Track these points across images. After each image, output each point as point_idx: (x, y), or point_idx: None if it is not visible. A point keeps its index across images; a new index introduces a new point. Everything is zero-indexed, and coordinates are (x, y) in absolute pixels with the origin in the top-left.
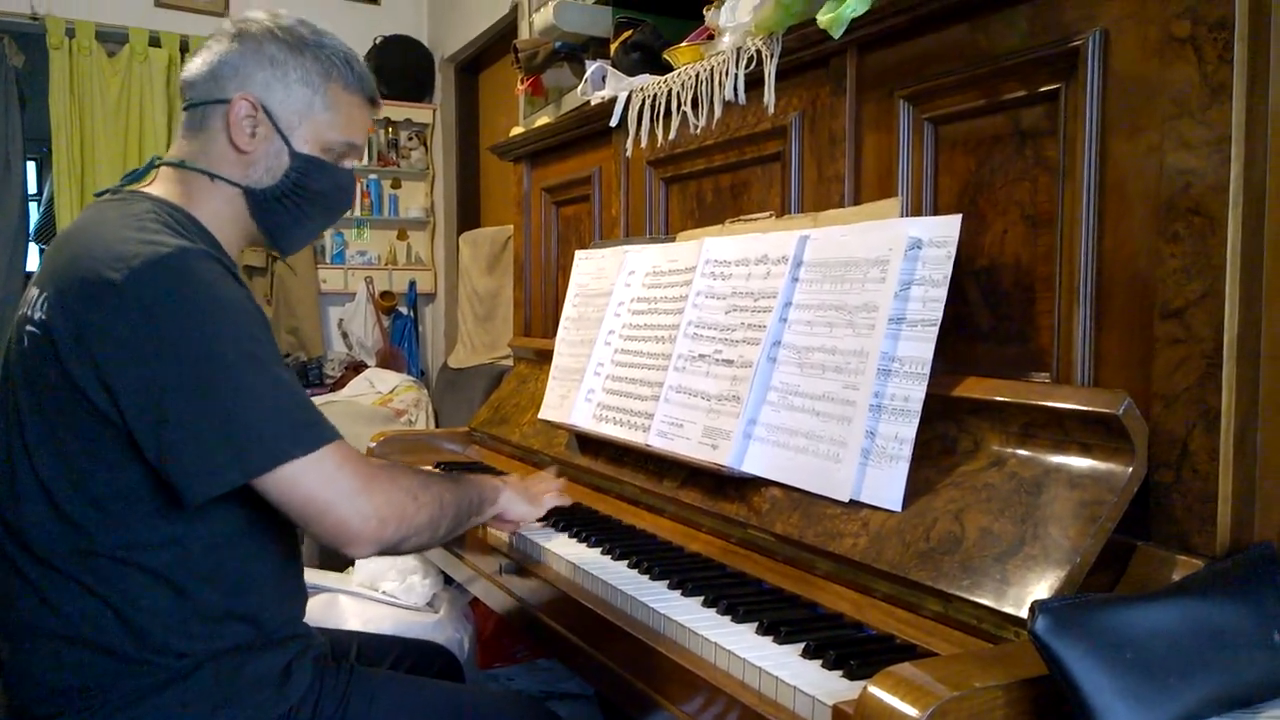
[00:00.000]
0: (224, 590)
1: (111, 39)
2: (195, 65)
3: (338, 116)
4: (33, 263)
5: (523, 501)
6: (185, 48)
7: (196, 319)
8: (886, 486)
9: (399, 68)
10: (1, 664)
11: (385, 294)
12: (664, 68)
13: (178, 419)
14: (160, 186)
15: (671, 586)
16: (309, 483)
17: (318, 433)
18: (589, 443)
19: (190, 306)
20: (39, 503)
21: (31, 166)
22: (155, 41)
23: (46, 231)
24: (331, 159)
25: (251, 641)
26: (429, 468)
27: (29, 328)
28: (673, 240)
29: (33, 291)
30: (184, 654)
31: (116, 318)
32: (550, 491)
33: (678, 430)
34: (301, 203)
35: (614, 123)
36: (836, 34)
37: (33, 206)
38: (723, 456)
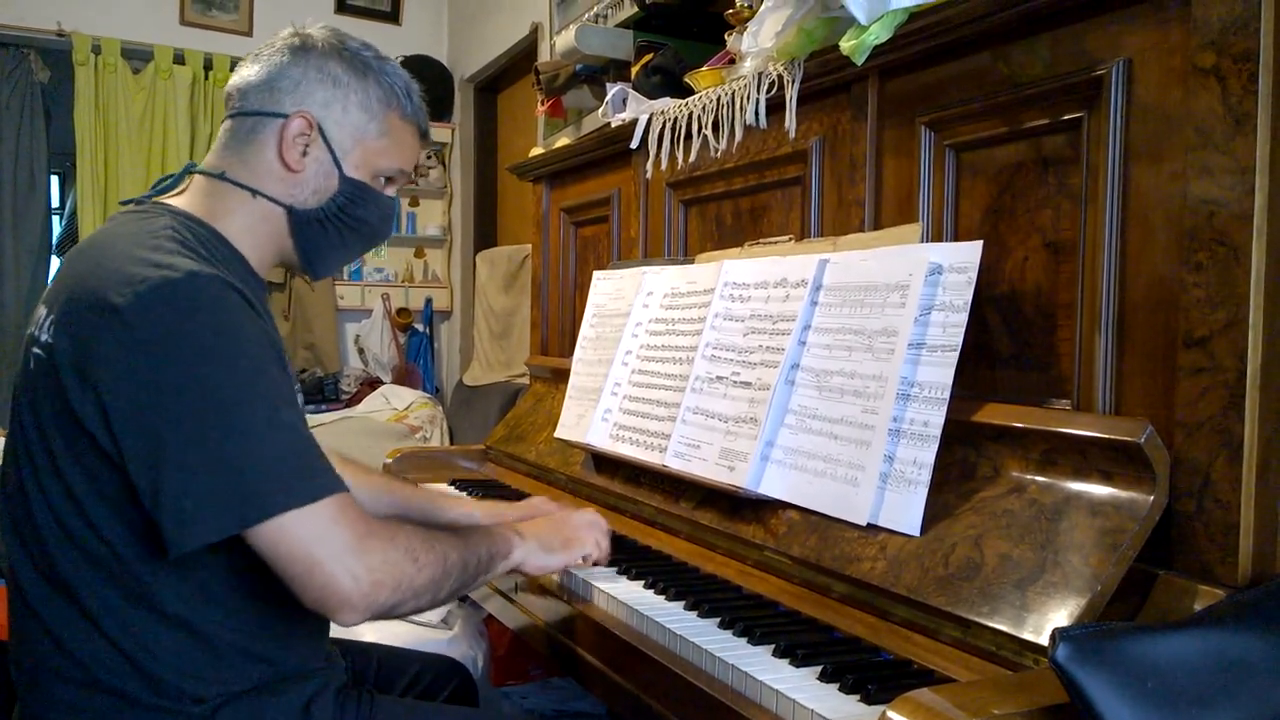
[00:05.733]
0: (246, 632)
1: (136, 56)
2: (250, 73)
3: (391, 144)
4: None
5: (542, 552)
6: (209, 65)
7: (202, 351)
8: (905, 511)
9: (419, 87)
10: (18, 701)
11: (402, 311)
12: (685, 91)
13: (174, 460)
14: (188, 198)
15: (688, 608)
16: (297, 536)
17: (316, 484)
18: (605, 462)
19: (195, 338)
20: (56, 532)
21: (55, 180)
22: (180, 59)
23: (69, 245)
24: (379, 186)
25: (271, 681)
26: (444, 486)
27: (35, 349)
28: (691, 262)
29: (41, 310)
30: (201, 699)
31: (118, 345)
32: (587, 531)
33: (694, 451)
34: (344, 228)
35: (634, 145)
36: (859, 60)
37: (55, 220)
38: (740, 478)
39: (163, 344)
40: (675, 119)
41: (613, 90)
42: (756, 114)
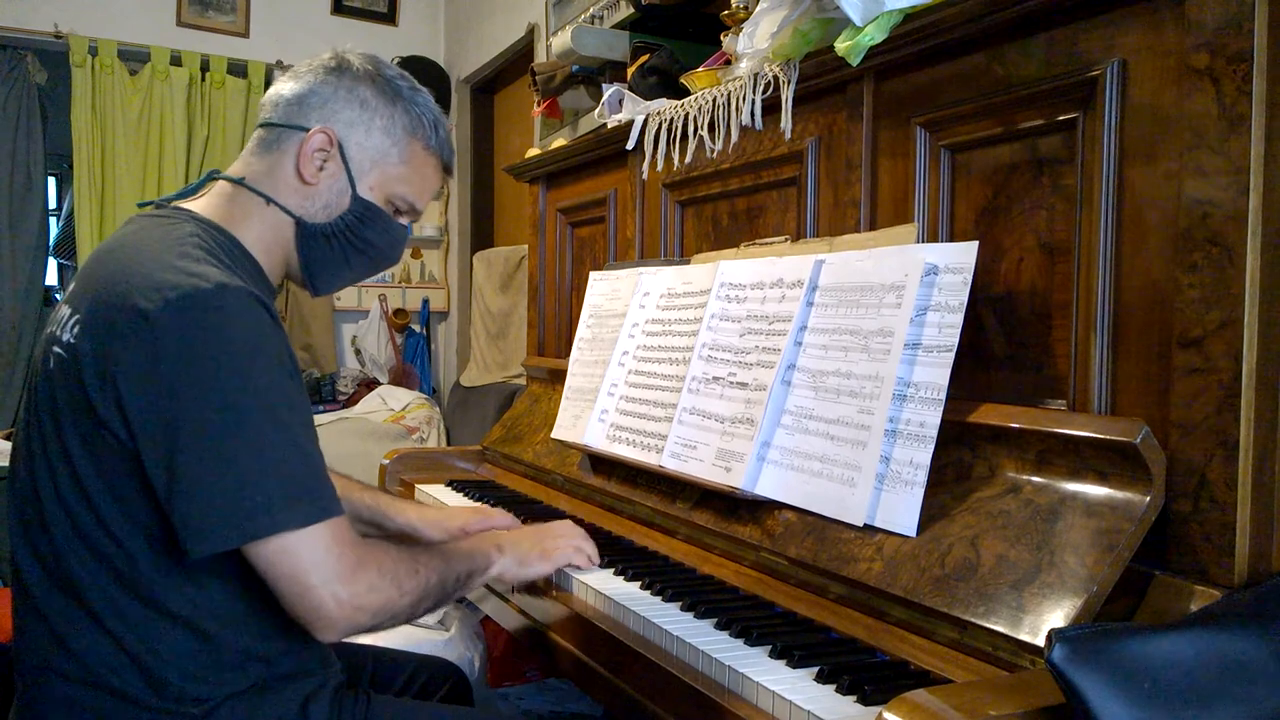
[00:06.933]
0: (248, 634)
1: (133, 57)
2: (285, 88)
3: (411, 172)
4: (51, 277)
5: (518, 566)
6: (206, 67)
7: (225, 363)
8: (901, 511)
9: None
10: (15, 700)
11: (399, 311)
12: (681, 92)
13: (188, 467)
14: (208, 203)
15: (685, 609)
16: (295, 558)
17: (319, 506)
18: (601, 463)
19: (221, 350)
20: (67, 530)
21: (52, 182)
22: (176, 60)
23: (65, 246)
24: (390, 212)
25: (269, 679)
26: (441, 487)
27: (56, 349)
28: (688, 263)
29: (64, 310)
30: (201, 699)
31: (144, 350)
32: (568, 547)
33: (691, 452)
34: (349, 247)
35: (630, 146)
36: (854, 61)
37: (52, 221)
38: (736, 479)
39: (186, 353)
40: (671, 120)
41: (609, 91)
42: (752, 115)
